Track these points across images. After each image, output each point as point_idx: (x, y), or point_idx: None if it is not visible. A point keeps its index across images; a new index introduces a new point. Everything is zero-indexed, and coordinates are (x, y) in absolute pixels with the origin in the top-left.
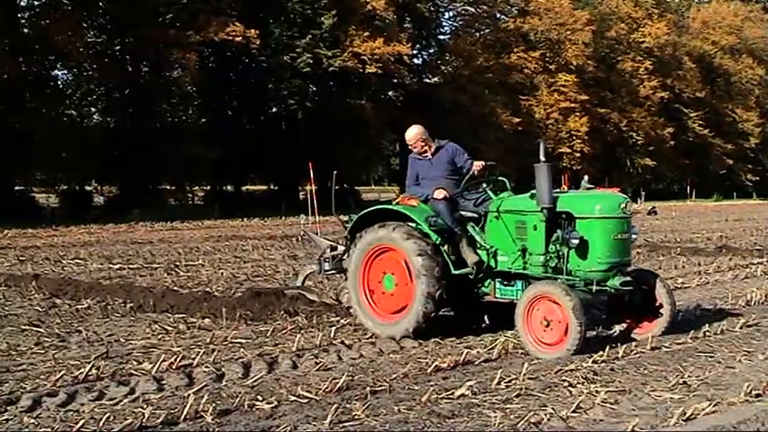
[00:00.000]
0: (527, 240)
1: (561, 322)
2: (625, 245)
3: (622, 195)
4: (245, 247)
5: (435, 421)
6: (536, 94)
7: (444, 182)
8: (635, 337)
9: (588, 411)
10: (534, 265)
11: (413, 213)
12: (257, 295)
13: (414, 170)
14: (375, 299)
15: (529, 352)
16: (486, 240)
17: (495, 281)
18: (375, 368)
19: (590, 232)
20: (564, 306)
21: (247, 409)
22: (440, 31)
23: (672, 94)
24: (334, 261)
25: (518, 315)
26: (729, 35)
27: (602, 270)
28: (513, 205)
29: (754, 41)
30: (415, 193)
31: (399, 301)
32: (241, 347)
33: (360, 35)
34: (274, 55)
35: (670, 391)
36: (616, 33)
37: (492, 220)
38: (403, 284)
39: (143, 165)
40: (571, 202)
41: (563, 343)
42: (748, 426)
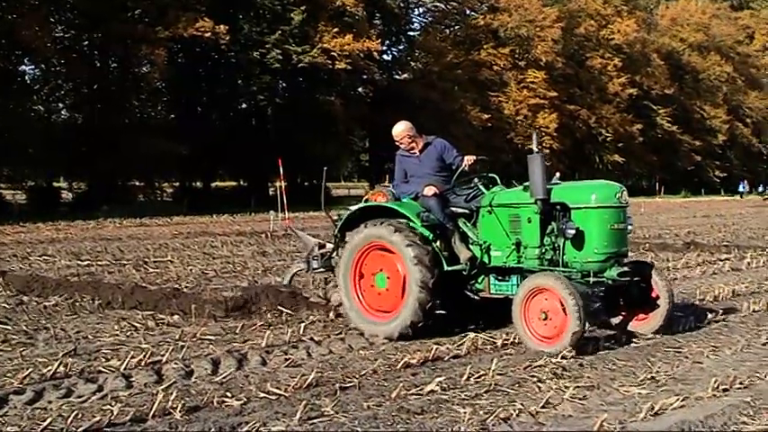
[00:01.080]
0: (521, 234)
1: (560, 315)
2: (622, 235)
3: (618, 185)
4: (215, 244)
5: (404, 417)
6: (505, 91)
7: (434, 179)
8: (632, 330)
9: (557, 407)
10: (529, 258)
11: (405, 210)
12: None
13: (401, 168)
14: (367, 298)
15: (527, 346)
16: (479, 236)
17: (489, 276)
18: (344, 364)
19: (586, 222)
20: (563, 298)
21: (216, 406)
22: (409, 28)
23: (640, 90)
24: (323, 259)
25: (515, 309)
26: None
27: (599, 261)
28: (506, 199)
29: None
30: (404, 191)
31: (392, 300)
32: (210, 344)
33: (329, 31)
34: (243, 51)
35: (638, 386)
36: (585, 30)
37: (484, 214)
38: (396, 283)
39: (111, 161)
40: (566, 193)
41: (562, 336)
42: (715, 420)
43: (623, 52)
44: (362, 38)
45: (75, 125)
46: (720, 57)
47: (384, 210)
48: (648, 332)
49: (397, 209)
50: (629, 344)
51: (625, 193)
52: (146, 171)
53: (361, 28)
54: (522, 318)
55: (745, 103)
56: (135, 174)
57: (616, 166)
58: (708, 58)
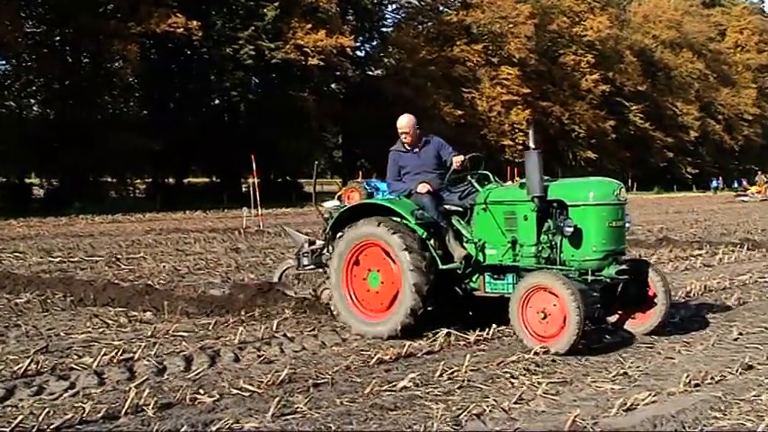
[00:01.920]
0: (517, 231)
1: (559, 314)
2: (620, 232)
3: (616, 181)
4: (187, 240)
5: (378, 413)
6: (478, 87)
7: (430, 176)
8: (628, 328)
9: (530, 402)
10: (526, 256)
11: (399, 208)
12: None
13: (396, 165)
14: (360, 297)
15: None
16: (474, 233)
17: (484, 275)
18: (317, 361)
19: (584, 220)
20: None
21: (189, 403)
22: (383, 24)
23: (613, 87)
24: (314, 256)
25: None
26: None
27: (597, 259)
28: (502, 196)
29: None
30: (397, 188)
31: (386, 300)
32: (183, 341)
33: (302, 27)
34: (216, 47)
35: (611, 381)
36: (558, 27)
37: (479, 212)
38: (389, 282)
39: (83, 157)
40: (563, 190)
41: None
42: (687, 415)
43: (596, 49)
44: (335, 34)
45: (46, 121)
46: (692, 54)
47: (377, 207)
48: (645, 331)
49: (392, 206)
50: (601, 340)
51: (623, 189)
52: (118, 167)
53: (334, 24)
54: (519, 316)
55: (716, 99)
56: (107, 170)
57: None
58: (680, 55)
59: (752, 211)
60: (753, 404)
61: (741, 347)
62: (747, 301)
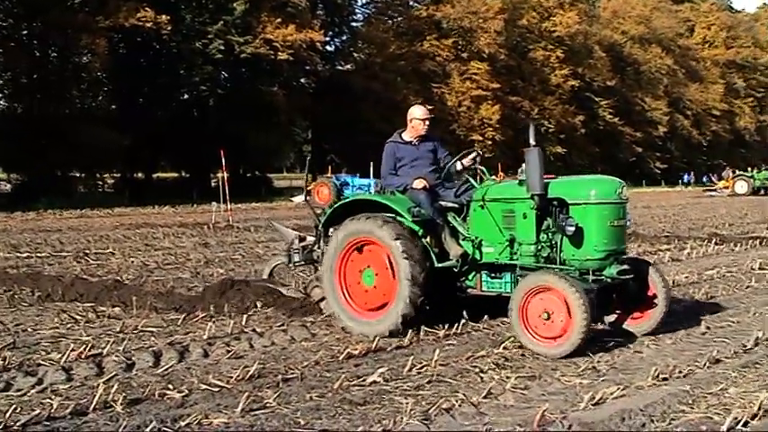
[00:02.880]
0: (515, 229)
1: (563, 314)
2: (621, 232)
3: (618, 179)
4: (156, 235)
5: (347, 408)
6: (448, 82)
7: (426, 170)
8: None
9: (499, 397)
10: (524, 255)
11: (394, 204)
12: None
13: (392, 158)
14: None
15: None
16: (470, 231)
17: (480, 273)
18: (287, 356)
19: (585, 219)
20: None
21: (158, 398)
22: (352, 18)
23: (582, 82)
24: (305, 252)
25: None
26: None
27: (598, 258)
28: (500, 193)
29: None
30: (392, 183)
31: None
32: (152, 336)
33: (272, 21)
34: (185, 41)
35: (579, 375)
36: (528, 22)
37: (476, 209)
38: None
39: (51, 151)
40: (564, 188)
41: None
42: (655, 408)
43: (565, 44)
44: (305, 28)
45: (14, 115)
46: (661, 49)
47: (371, 204)
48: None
49: (387, 203)
50: None
51: (625, 188)
52: (86, 162)
53: (303, 18)
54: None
55: (685, 95)
56: (75, 164)
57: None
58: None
59: (719, 206)
60: (720, 397)
61: (709, 341)
62: (715, 296)
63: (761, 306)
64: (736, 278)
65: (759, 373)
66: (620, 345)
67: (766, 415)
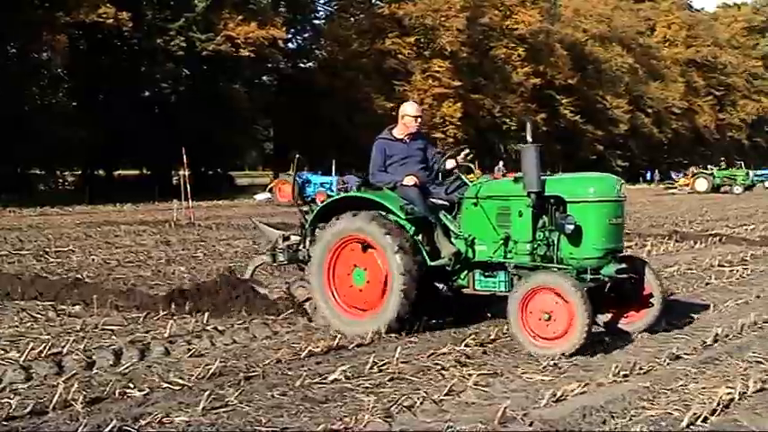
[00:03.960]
0: (511, 228)
1: (564, 315)
2: (619, 230)
3: (616, 177)
4: (117, 233)
5: (308, 406)
6: (410, 80)
7: (416, 167)
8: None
9: (461, 394)
10: (520, 253)
11: (386, 201)
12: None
13: (383, 155)
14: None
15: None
16: (462, 229)
17: (473, 272)
18: (248, 354)
19: (583, 217)
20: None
21: (118, 397)
22: (315, 16)
23: (544, 80)
24: (290, 252)
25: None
26: (600, 23)
27: (596, 257)
28: (495, 190)
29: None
30: (382, 179)
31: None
32: (112, 334)
33: (234, 19)
34: (147, 38)
35: (541, 373)
36: (490, 20)
37: (469, 207)
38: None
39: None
40: (562, 186)
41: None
42: (616, 405)
43: (527, 42)
44: (267, 26)
45: None
46: (622, 48)
47: (362, 201)
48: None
49: (379, 200)
50: None
51: (624, 185)
52: (46, 159)
53: (266, 16)
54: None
55: (646, 93)
56: (35, 162)
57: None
58: (610, 48)
59: (680, 204)
60: (680, 393)
61: (669, 338)
62: (675, 293)
63: (720, 303)
64: (696, 275)
65: (718, 369)
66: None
67: (725, 410)
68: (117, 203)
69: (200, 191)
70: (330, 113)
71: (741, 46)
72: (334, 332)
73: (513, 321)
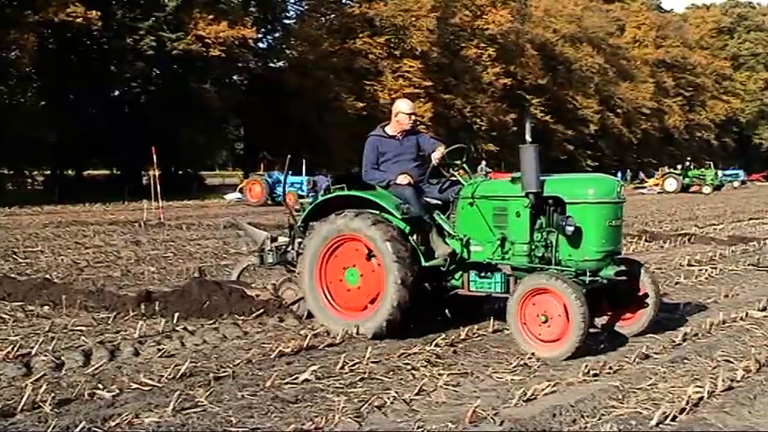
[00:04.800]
0: (507, 228)
1: (561, 317)
2: (618, 232)
3: (615, 178)
4: (87, 233)
5: (279, 406)
6: (381, 80)
7: (409, 165)
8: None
9: (431, 394)
10: (517, 255)
11: (381, 200)
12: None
13: (375, 152)
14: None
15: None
16: (457, 229)
17: (468, 273)
18: (218, 354)
19: (583, 218)
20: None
21: (87, 398)
22: (285, 16)
23: (514, 80)
24: (280, 253)
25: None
26: (570, 24)
27: (595, 259)
28: (491, 190)
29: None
30: (374, 177)
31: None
32: (81, 335)
33: (204, 18)
34: (116, 37)
35: (511, 372)
36: (460, 20)
37: (464, 206)
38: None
39: None
40: (561, 187)
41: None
42: (585, 404)
43: (497, 43)
44: (237, 25)
45: None
46: (592, 48)
47: (355, 200)
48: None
49: (375, 200)
50: (501, 331)
51: (623, 187)
52: (15, 159)
53: (236, 15)
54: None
55: (616, 93)
56: (3, 162)
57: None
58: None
59: (649, 204)
60: (649, 392)
61: (638, 337)
62: None
63: (689, 302)
64: (666, 275)
65: (687, 368)
66: None
67: (694, 409)
68: (86, 203)
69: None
70: (300, 113)
71: (710, 47)
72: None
73: (511, 323)
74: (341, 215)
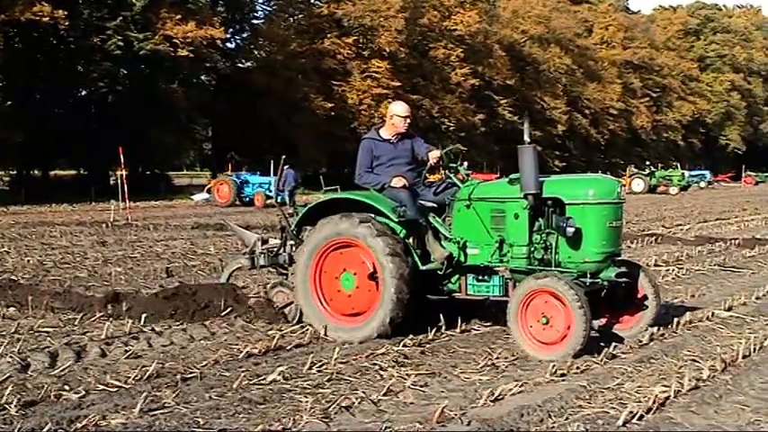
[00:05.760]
0: (506, 230)
1: (563, 319)
2: (618, 233)
3: (615, 179)
4: (53, 234)
5: (246, 407)
6: (349, 80)
7: (403, 168)
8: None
9: (399, 394)
10: (516, 257)
11: (377, 203)
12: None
13: (369, 155)
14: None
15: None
16: (454, 232)
17: (465, 276)
18: (186, 355)
19: (583, 220)
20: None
21: (54, 400)
22: (253, 16)
23: (482, 81)
24: (271, 256)
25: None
26: (538, 25)
27: (596, 261)
28: (488, 192)
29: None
30: (368, 181)
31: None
32: (48, 336)
33: (172, 18)
34: (83, 37)
35: (479, 372)
36: (429, 21)
37: (461, 209)
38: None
39: None
40: (560, 187)
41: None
42: (553, 404)
43: (466, 43)
44: (205, 25)
45: None
46: (560, 49)
47: (350, 204)
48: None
49: (370, 202)
50: (469, 331)
51: (623, 188)
52: None
53: (204, 15)
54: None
55: (583, 94)
56: None
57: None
58: (548, 50)
59: None
60: (616, 392)
61: (605, 338)
62: None
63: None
64: None
65: (654, 367)
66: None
67: (661, 409)
68: (53, 204)
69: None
70: (268, 113)
71: (677, 48)
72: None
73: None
74: (333, 219)
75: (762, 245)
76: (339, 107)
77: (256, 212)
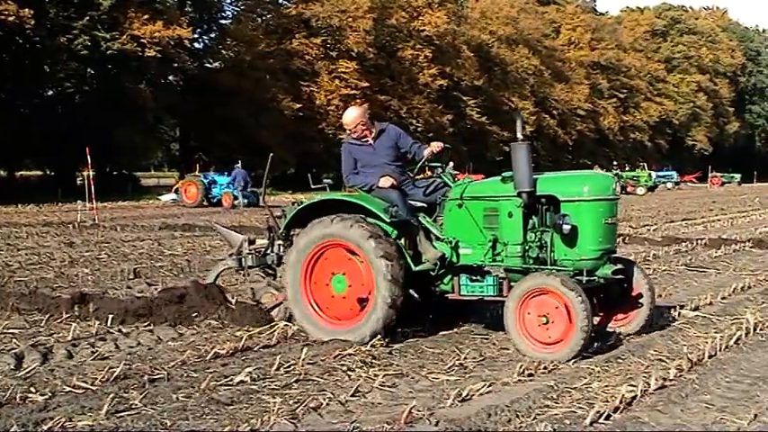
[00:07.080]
0: (499, 229)
1: (563, 318)
2: (614, 230)
3: (610, 175)
4: (19, 235)
5: (214, 408)
6: (317, 81)
7: (389, 168)
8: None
9: (367, 395)
10: (510, 256)
11: (369, 204)
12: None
13: (351, 158)
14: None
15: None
16: (445, 232)
17: (458, 276)
18: (153, 356)
19: (578, 217)
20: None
21: (19, 402)
22: (221, 16)
23: (451, 81)
24: (259, 257)
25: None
26: (506, 26)
27: (592, 258)
28: (481, 191)
29: (530, 32)
30: (355, 183)
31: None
32: (13, 338)
33: (139, 18)
34: (50, 36)
35: (447, 372)
36: (397, 21)
37: (452, 208)
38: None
39: None
40: (555, 184)
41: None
42: (521, 404)
43: (434, 44)
44: (173, 25)
45: None
46: (528, 50)
47: (341, 205)
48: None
49: (361, 203)
50: (437, 332)
51: (618, 184)
52: None
53: (171, 15)
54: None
55: (551, 95)
56: None
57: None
58: (516, 50)
59: None
60: (584, 392)
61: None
62: None
63: None
64: None
65: (621, 367)
66: (487, 341)
67: (628, 408)
68: (19, 204)
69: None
70: (237, 114)
71: (644, 49)
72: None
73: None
74: (324, 221)
75: (728, 245)
76: (307, 107)
77: (224, 213)
